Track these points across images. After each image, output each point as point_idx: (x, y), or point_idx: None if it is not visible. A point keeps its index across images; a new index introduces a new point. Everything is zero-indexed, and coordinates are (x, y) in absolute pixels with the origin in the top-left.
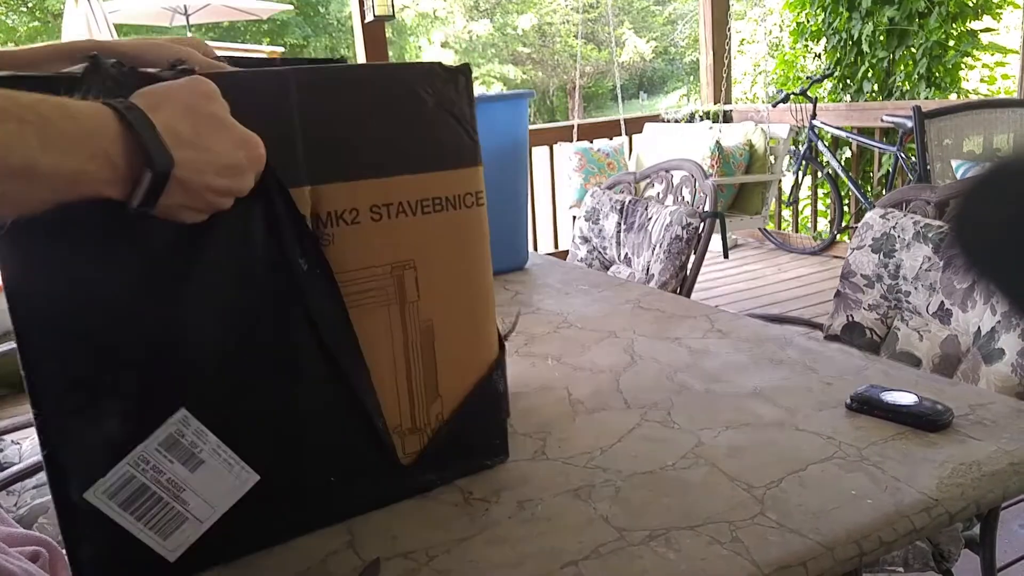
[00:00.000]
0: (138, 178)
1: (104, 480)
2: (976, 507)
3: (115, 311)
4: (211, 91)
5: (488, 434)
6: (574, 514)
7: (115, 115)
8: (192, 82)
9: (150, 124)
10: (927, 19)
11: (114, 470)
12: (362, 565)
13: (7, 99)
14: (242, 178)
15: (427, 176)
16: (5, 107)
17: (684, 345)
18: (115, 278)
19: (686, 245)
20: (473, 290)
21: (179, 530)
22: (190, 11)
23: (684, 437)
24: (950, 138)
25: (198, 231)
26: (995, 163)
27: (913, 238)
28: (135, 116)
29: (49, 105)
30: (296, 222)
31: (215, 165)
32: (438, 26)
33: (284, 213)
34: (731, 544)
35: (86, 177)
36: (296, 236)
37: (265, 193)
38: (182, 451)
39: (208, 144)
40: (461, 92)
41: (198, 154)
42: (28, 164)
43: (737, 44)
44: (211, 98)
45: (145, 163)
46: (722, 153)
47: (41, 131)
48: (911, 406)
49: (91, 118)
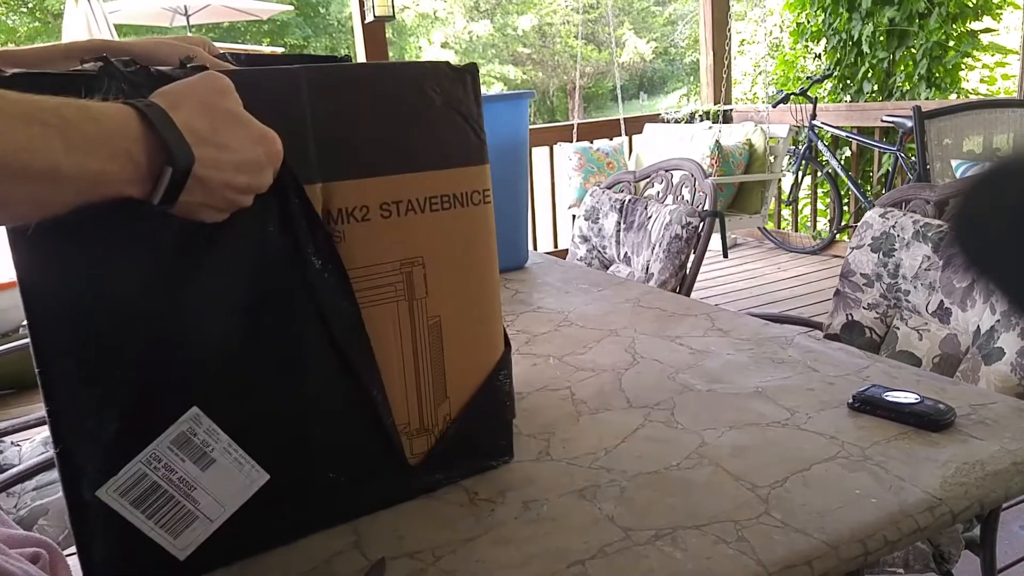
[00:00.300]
0: (159, 176)
1: (116, 478)
2: (979, 506)
3: (130, 309)
4: (227, 87)
5: (495, 434)
6: (579, 514)
7: (136, 114)
8: (208, 78)
9: (170, 122)
10: (927, 20)
11: (126, 468)
12: (368, 565)
13: (30, 103)
14: (261, 174)
15: (436, 174)
16: (28, 111)
17: (685, 344)
18: (130, 276)
19: (685, 244)
20: (480, 287)
21: (189, 528)
22: (190, 11)
23: (688, 437)
24: (950, 138)
25: (215, 229)
26: (995, 162)
27: (913, 237)
28: (156, 114)
29: (72, 108)
30: (310, 219)
31: (234, 162)
32: (438, 27)
33: (299, 210)
34: (737, 543)
35: (109, 177)
36: (310, 233)
37: (281, 190)
38: (194, 449)
39: (227, 141)
40: (468, 91)
41: (218, 151)
42: (52, 167)
43: (737, 44)
44: (227, 94)
45: (166, 160)
46: (722, 152)
47: (64, 134)
48: (913, 406)
49: (112, 118)
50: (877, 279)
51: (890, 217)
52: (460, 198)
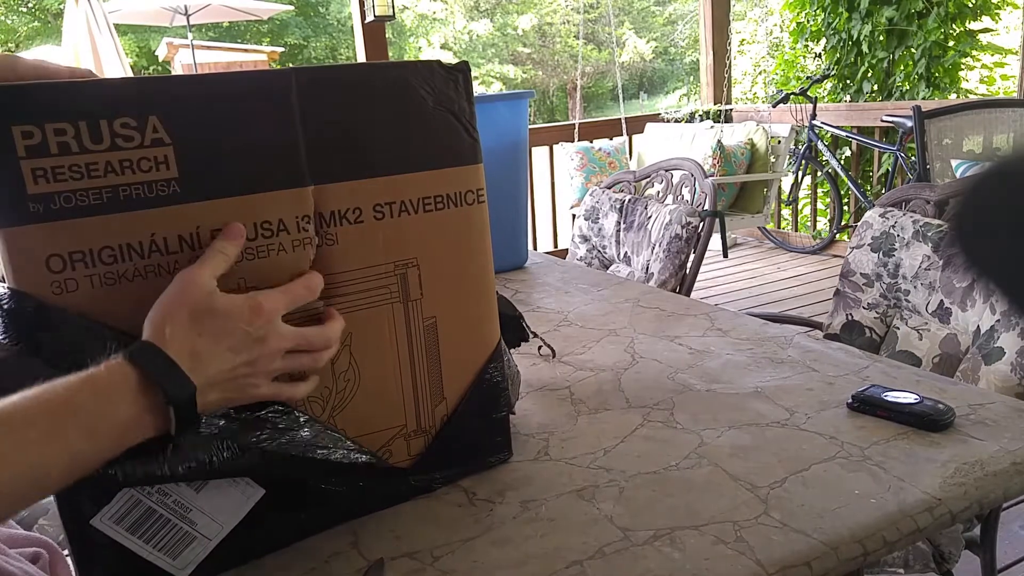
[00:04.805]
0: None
1: (110, 506)
2: (979, 507)
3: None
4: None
5: (491, 430)
6: (578, 514)
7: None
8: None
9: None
10: (926, 20)
11: (118, 496)
12: (366, 565)
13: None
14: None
15: (428, 174)
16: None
17: (684, 344)
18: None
19: (685, 244)
20: (475, 288)
21: (188, 549)
22: (190, 11)
23: (687, 437)
24: (950, 138)
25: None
26: (995, 162)
27: (912, 237)
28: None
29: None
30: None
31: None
32: (438, 27)
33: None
34: (735, 544)
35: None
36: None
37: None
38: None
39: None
40: (460, 90)
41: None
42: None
43: (737, 44)
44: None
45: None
46: (724, 152)
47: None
48: (913, 406)
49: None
50: (877, 279)
51: (890, 217)
52: (454, 198)
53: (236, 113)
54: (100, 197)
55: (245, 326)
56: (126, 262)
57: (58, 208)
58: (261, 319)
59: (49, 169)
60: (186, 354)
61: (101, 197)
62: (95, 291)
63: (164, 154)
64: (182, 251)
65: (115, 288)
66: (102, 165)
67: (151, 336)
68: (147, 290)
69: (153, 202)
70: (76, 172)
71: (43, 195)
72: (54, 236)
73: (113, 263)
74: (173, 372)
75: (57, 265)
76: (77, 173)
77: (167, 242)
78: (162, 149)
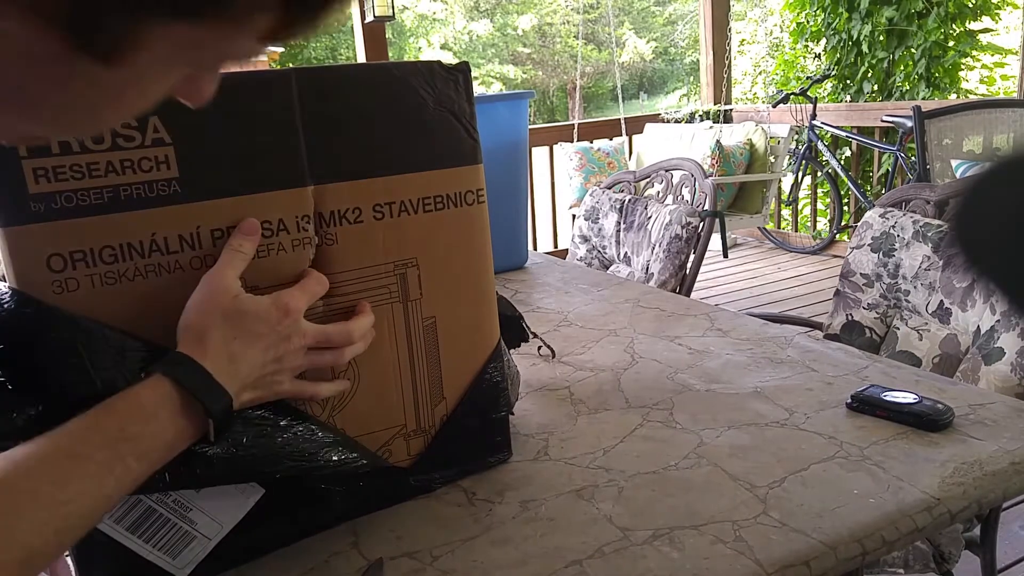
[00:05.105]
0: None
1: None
2: (978, 507)
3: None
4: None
5: (490, 430)
6: (578, 514)
7: (171, 383)
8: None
9: (203, 374)
10: (926, 20)
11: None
12: (366, 565)
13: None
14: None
15: (428, 174)
16: (106, 460)
17: (684, 344)
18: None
19: (685, 244)
20: (475, 287)
21: (188, 548)
22: None
23: (686, 437)
24: (950, 138)
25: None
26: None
27: (912, 237)
28: (185, 372)
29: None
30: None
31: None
32: (438, 27)
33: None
34: (735, 543)
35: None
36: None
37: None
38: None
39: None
40: (461, 90)
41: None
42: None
43: (737, 44)
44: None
45: (205, 414)
46: (723, 152)
47: (136, 450)
48: (912, 406)
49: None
50: (877, 279)
51: (890, 217)
52: (454, 198)
53: (236, 113)
54: (101, 197)
55: (275, 326)
56: (127, 261)
57: (59, 207)
58: (289, 319)
59: (50, 169)
60: (224, 359)
61: (102, 197)
62: (96, 290)
63: (165, 154)
64: (182, 251)
65: (116, 287)
66: (103, 165)
67: (188, 346)
68: (148, 289)
69: (154, 202)
70: (77, 172)
71: (44, 194)
72: (55, 235)
73: (114, 262)
74: (211, 386)
75: (58, 264)
76: (78, 173)
77: (168, 242)
78: (163, 149)
